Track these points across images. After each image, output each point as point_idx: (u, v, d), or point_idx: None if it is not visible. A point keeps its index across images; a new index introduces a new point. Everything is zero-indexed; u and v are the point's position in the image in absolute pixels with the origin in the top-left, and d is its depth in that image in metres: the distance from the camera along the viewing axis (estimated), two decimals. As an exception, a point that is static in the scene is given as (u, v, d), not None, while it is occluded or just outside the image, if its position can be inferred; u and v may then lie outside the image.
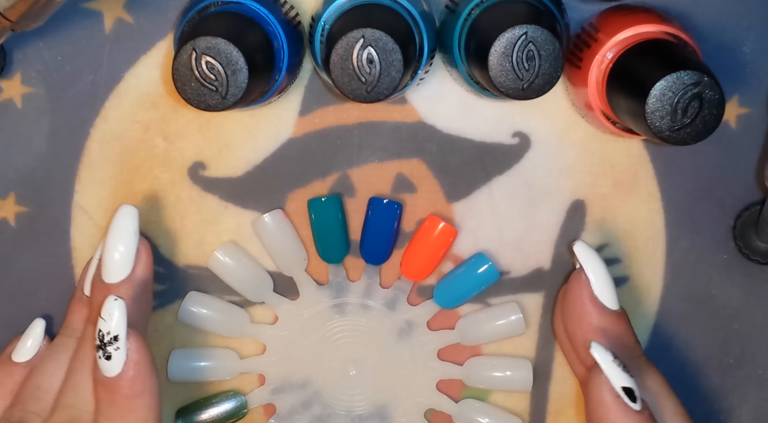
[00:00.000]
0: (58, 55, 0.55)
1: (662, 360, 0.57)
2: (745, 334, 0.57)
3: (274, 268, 0.57)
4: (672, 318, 0.57)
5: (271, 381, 0.58)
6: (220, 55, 0.46)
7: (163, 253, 0.57)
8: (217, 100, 0.46)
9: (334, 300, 0.58)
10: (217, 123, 0.56)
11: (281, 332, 0.58)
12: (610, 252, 0.57)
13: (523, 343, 0.58)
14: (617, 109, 0.49)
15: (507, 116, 0.56)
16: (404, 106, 0.56)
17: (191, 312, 0.57)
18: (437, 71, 0.55)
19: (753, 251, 0.56)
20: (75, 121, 0.56)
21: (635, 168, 0.56)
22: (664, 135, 0.46)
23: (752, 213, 0.56)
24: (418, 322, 0.58)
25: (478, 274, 0.56)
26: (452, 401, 0.58)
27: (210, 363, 0.58)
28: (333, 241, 0.56)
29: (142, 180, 0.56)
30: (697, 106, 0.46)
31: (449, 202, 0.57)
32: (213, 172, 0.56)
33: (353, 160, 0.56)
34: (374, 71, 0.46)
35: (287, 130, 0.56)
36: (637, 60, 0.48)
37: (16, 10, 0.48)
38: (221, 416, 0.58)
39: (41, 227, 0.57)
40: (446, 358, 0.58)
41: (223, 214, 0.57)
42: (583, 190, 0.56)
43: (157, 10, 0.54)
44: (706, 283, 0.57)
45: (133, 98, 0.55)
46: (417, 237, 0.56)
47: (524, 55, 0.46)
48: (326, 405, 0.58)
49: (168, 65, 0.55)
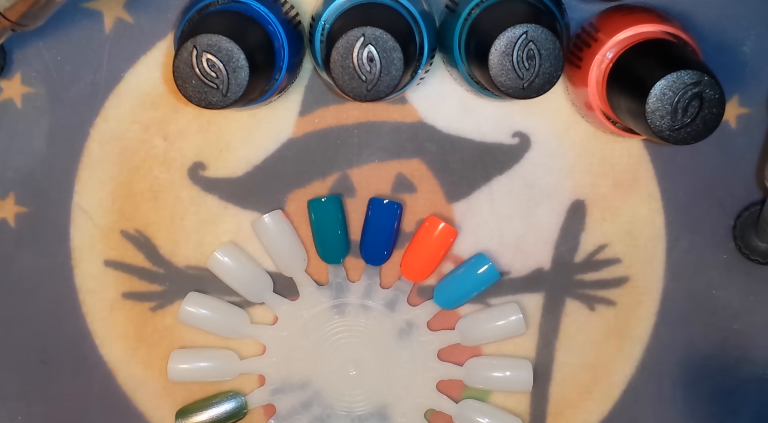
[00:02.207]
0: (58, 55, 0.55)
1: (662, 360, 0.57)
2: (745, 334, 0.57)
3: (274, 269, 0.57)
4: (672, 318, 0.57)
5: (271, 381, 0.58)
6: (221, 53, 0.46)
7: (163, 253, 0.57)
8: (217, 98, 0.46)
9: (334, 300, 0.58)
10: (217, 123, 0.56)
11: (281, 333, 0.58)
12: (610, 252, 0.57)
13: (523, 344, 0.58)
14: (617, 108, 0.49)
15: (507, 116, 0.56)
16: (404, 106, 0.56)
17: (191, 313, 0.57)
18: (437, 71, 0.55)
19: (753, 251, 0.56)
20: (75, 121, 0.56)
21: (635, 168, 0.56)
22: (665, 135, 0.46)
23: (752, 213, 0.56)
24: (418, 323, 0.58)
25: (478, 274, 0.56)
26: (452, 401, 0.58)
27: (210, 363, 0.57)
28: (333, 241, 0.56)
29: (141, 180, 0.56)
30: (697, 106, 0.46)
31: (449, 202, 0.57)
32: (213, 173, 0.56)
33: (353, 160, 0.56)
34: (374, 70, 0.46)
35: (287, 130, 0.56)
36: (637, 60, 0.48)
37: (16, 10, 0.48)
38: (221, 417, 0.57)
39: (41, 227, 0.57)
40: (446, 359, 0.58)
41: (223, 214, 0.57)
42: (583, 190, 0.56)
43: (157, 10, 0.54)
44: (706, 283, 0.57)
45: (133, 98, 0.55)
46: (417, 237, 0.56)
47: (524, 55, 0.46)
48: (326, 405, 0.58)
49: (168, 65, 0.55)
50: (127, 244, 0.57)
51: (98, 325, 0.58)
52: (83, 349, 0.58)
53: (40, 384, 0.58)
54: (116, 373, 0.58)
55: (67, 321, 0.58)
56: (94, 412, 0.58)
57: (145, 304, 0.58)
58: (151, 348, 0.58)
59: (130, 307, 0.58)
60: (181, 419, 0.58)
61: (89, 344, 0.58)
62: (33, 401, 0.58)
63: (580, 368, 0.58)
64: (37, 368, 0.58)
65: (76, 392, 0.58)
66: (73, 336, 0.58)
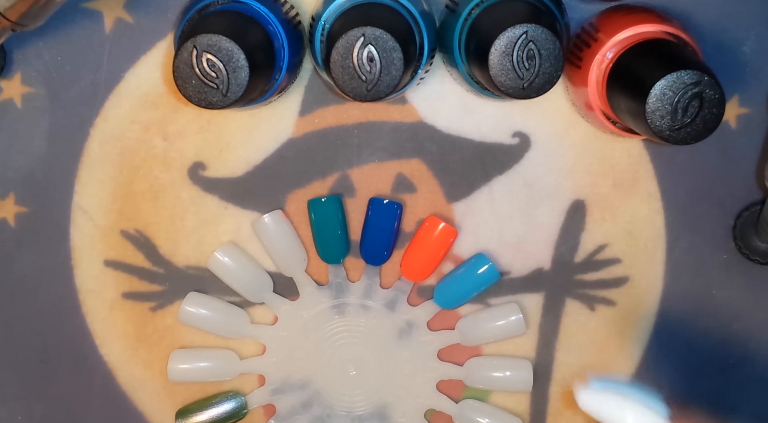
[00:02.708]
0: (58, 55, 0.55)
1: (662, 360, 0.57)
2: (745, 334, 0.57)
3: (274, 269, 0.57)
4: (672, 318, 0.57)
5: (271, 381, 0.58)
6: (221, 53, 0.46)
7: (163, 253, 0.57)
8: (217, 98, 0.46)
9: (334, 300, 0.58)
10: (217, 123, 0.56)
11: (281, 333, 0.58)
12: (610, 252, 0.57)
13: (523, 344, 0.58)
14: (617, 108, 0.49)
15: (507, 116, 0.56)
16: (404, 106, 0.56)
17: (191, 313, 0.57)
18: (437, 71, 0.55)
19: (753, 251, 0.56)
20: (75, 121, 0.56)
21: (635, 168, 0.56)
22: (665, 134, 0.46)
23: (752, 213, 0.56)
24: (418, 323, 0.58)
25: (478, 274, 0.56)
26: (452, 402, 0.58)
27: (210, 364, 0.57)
28: (333, 241, 0.56)
29: (141, 180, 0.56)
30: (697, 106, 0.46)
31: (449, 202, 0.57)
32: (213, 173, 0.56)
33: (353, 160, 0.56)
34: (374, 70, 0.46)
35: (287, 130, 0.56)
36: (637, 60, 0.48)
37: (16, 10, 0.48)
38: (221, 417, 0.57)
39: (41, 227, 0.57)
40: (446, 359, 0.58)
41: (223, 214, 0.57)
42: (583, 190, 0.56)
43: (157, 10, 0.54)
44: (706, 283, 0.57)
45: (133, 98, 0.55)
46: (417, 237, 0.56)
47: (524, 55, 0.46)
48: (326, 405, 0.58)
49: (168, 65, 0.55)
50: (127, 244, 0.57)
51: (98, 325, 0.58)
52: (83, 349, 0.58)
53: (40, 384, 0.58)
54: (116, 373, 0.58)
55: (67, 321, 0.58)
56: (94, 412, 0.59)
57: (145, 304, 0.58)
58: (151, 348, 0.58)
59: (130, 307, 0.58)
60: (181, 419, 0.58)
61: (89, 344, 0.58)
62: (33, 401, 0.58)
63: (580, 368, 0.58)
64: (37, 368, 0.58)
65: (76, 392, 0.58)
66: (73, 336, 0.58)
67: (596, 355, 0.58)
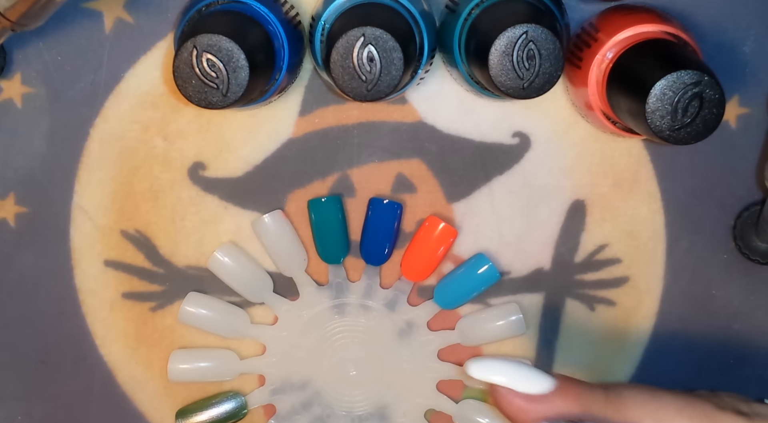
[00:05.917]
0: (58, 55, 0.55)
1: (662, 360, 0.57)
2: (745, 334, 0.57)
3: (273, 269, 0.57)
4: (672, 318, 0.57)
5: (271, 381, 0.58)
6: (221, 53, 0.46)
7: (163, 253, 0.57)
8: (218, 98, 0.46)
9: (334, 300, 0.58)
10: (217, 123, 0.56)
11: (281, 333, 0.58)
12: (610, 252, 0.57)
13: (523, 344, 0.58)
14: (617, 108, 0.49)
15: (507, 116, 0.56)
16: (404, 106, 0.56)
17: (191, 313, 0.57)
18: (437, 71, 0.55)
19: (753, 251, 0.56)
20: (75, 121, 0.56)
21: (635, 168, 0.56)
22: (665, 134, 0.46)
23: (752, 213, 0.56)
24: (418, 323, 0.58)
25: (478, 274, 0.56)
26: (452, 402, 0.58)
27: (210, 364, 0.57)
28: (333, 241, 0.56)
29: (141, 180, 0.56)
30: (697, 106, 0.46)
31: (449, 203, 0.57)
32: (213, 173, 0.56)
33: (353, 160, 0.56)
34: (375, 70, 0.46)
35: (287, 130, 0.56)
36: (637, 60, 0.48)
37: (16, 10, 0.48)
38: (221, 417, 0.57)
39: (41, 228, 0.57)
40: (446, 359, 0.58)
41: (223, 214, 0.57)
42: (583, 190, 0.56)
43: (157, 10, 0.54)
44: (706, 283, 0.57)
45: (133, 98, 0.55)
46: (417, 237, 0.56)
47: (524, 55, 0.46)
48: (326, 405, 0.58)
49: (168, 65, 0.55)
50: (127, 244, 0.57)
51: (98, 325, 0.58)
52: (83, 349, 0.58)
53: (40, 384, 0.58)
54: (116, 373, 0.58)
55: (67, 321, 0.58)
56: (94, 412, 0.58)
57: (145, 304, 0.58)
58: (151, 348, 0.58)
59: (130, 307, 0.58)
60: (181, 419, 0.58)
61: (89, 344, 0.58)
62: (33, 401, 0.58)
63: (580, 368, 0.58)
64: (37, 368, 0.58)
65: (76, 392, 0.58)
66: (73, 336, 0.58)
67: (596, 355, 0.58)
